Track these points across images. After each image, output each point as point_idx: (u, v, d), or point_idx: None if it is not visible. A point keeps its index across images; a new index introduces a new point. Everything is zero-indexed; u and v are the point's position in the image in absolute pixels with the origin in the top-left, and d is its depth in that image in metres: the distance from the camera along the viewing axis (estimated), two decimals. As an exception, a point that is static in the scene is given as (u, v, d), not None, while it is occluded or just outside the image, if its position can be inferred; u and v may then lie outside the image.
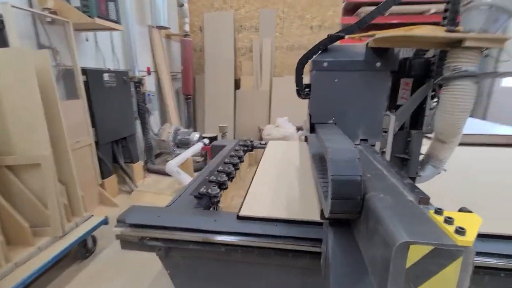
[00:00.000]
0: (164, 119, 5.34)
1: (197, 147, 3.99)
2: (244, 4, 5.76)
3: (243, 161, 2.01)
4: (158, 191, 3.58)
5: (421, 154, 1.44)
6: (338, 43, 1.35)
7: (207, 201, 1.41)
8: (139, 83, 4.17)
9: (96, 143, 3.06)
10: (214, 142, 2.82)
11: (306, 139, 1.81)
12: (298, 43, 5.81)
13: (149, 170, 4.26)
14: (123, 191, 3.52)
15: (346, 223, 0.92)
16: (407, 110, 1.41)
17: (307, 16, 5.66)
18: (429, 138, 1.44)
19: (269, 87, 5.96)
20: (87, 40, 3.36)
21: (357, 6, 6.26)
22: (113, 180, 3.40)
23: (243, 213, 1.28)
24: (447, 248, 0.53)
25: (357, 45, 1.35)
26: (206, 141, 4.34)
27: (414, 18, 6.52)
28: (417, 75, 1.40)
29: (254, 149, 2.52)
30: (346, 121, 1.30)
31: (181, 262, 1.34)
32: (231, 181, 1.68)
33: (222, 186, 1.59)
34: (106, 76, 3.20)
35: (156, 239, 1.27)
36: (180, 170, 2.94)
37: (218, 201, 1.46)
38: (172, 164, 3.12)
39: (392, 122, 1.38)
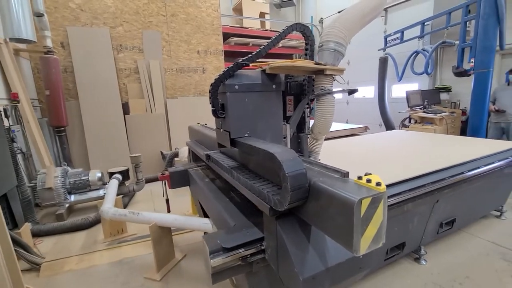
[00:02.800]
0: (30, 161, 3.92)
1: (115, 183, 3.34)
2: (121, 23, 5.26)
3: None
4: (82, 251, 2.72)
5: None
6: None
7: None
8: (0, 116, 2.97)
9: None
10: (172, 169, 2.62)
11: (208, 157, 1.91)
12: (188, 66, 5.98)
13: (39, 233, 3.06)
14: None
15: (287, 214, 1.15)
16: (295, 119, 1.83)
17: (192, 41, 5.95)
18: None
19: (164, 110, 5.72)
20: None
21: (228, 36, 7.27)
22: None
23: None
24: (377, 196, 0.84)
25: (251, 71, 1.58)
26: (119, 176, 3.69)
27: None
28: (295, 93, 1.84)
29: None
30: (257, 132, 1.52)
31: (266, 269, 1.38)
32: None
33: None
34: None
35: (258, 253, 1.27)
36: (135, 211, 2.43)
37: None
38: (111, 208, 2.54)
39: (288, 129, 1.78)
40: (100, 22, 5.10)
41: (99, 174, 3.90)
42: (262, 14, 8.17)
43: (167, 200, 2.78)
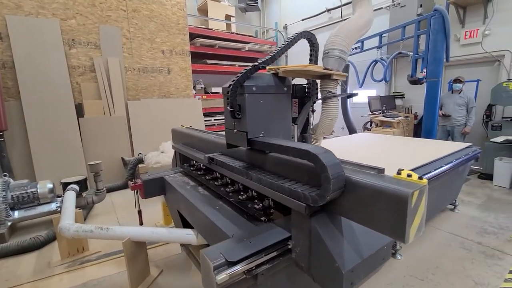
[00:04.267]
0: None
1: (71, 195, 2.95)
2: (74, 15, 4.72)
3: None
4: (35, 277, 2.31)
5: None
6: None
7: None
8: None
9: None
10: (146, 177, 2.39)
11: (211, 160, 1.86)
12: (151, 66, 5.61)
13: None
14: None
15: (318, 211, 1.18)
16: (302, 120, 1.91)
17: (157, 40, 5.60)
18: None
19: (126, 112, 5.27)
20: None
21: (193, 36, 7.06)
22: None
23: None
24: (423, 188, 0.93)
25: (264, 74, 1.62)
26: (76, 187, 3.27)
27: (235, 52, 8.28)
28: (300, 96, 1.92)
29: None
30: (270, 133, 1.55)
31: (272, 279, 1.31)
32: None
33: (254, 199, 1.62)
34: None
35: (263, 264, 1.20)
36: (103, 225, 2.13)
37: (272, 213, 1.52)
38: (73, 225, 2.21)
39: (295, 130, 1.88)
40: (48, 13, 4.51)
41: (50, 185, 3.39)
42: (227, 17, 8.09)
43: (139, 212, 2.52)
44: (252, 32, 9.69)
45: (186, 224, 2.32)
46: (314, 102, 1.94)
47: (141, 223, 2.54)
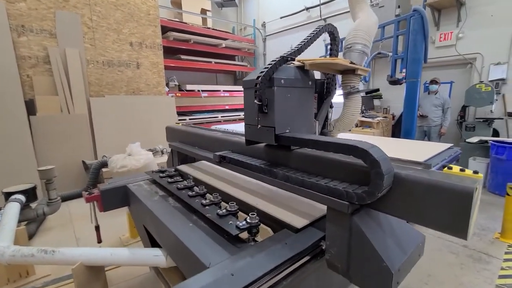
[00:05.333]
0: None
1: (14, 208, 2.46)
2: (24, -3, 4.11)
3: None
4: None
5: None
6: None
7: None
8: None
9: None
10: (105, 186, 2.01)
11: (222, 158, 1.73)
12: (118, 59, 5.08)
13: None
14: None
15: (358, 210, 1.12)
16: (323, 116, 1.89)
17: (124, 31, 5.09)
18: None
19: (87, 110, 4.71)
20: None
21: (166, 30, 6.59)
22: None
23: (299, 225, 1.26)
24: (479, 183, 0.93)
25: (288, 67, 1.56)
26: (22, 197, 2.77)
27: (212, 49, 7.92)
28: (319, 91, 1.89)
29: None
30: (295, 128, 1.47)
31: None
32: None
33: (236, 213, 1.36)
34: None
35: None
36: (48, 248, 1.71)
37: (258, 231, 1.26)
38: (9, 248, 1.77)
39: (316, 125, 1.82)
40: (-10, -8, 3.86)
41: (-11, 196, 2.84)
42: (203, 11, 7.70)
43: (96, 228, 2.12)
44: (229, 29, 9.36)
45: (154, 241, 1.98)
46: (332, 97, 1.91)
47: (99, 241, 2.14)
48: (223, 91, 8.35)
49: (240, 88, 9.31)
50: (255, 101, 1.37)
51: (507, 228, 2.68)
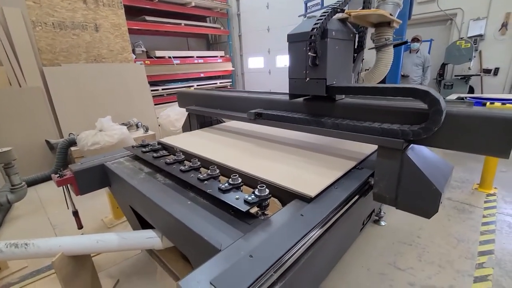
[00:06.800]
0: None
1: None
2: None
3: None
4: None
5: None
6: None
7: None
8: None
9: None
10: (78, 167, 1.75)
11: (258, 115, 1.84)
12: (71, 20, 4.36)
13: None
14: None
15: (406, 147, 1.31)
16: (357, 69, 1.96)
17: (74, -15, 4.31)
18: None
19: (42, 82, 4.10)
20: None
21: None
22: None
23: (312, 193, 1.16)
24: None
25: (332, 19, 1.58)
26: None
27: (179, 8, 7.16)
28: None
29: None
30: (338, 80, 1.55)
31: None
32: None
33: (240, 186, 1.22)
34: None
35: (274, 283, 0.83)
36: (19, 241, 1.47)
37: (268, 204, 1.13)
38: (-32, 246, 1.50)
39: (352, 77, 1.89)
40: None
41: None
42: (166, -37, 6.76)
43: (75, 213, 1.88)
44: (198, -15, 8.41)
45: (144, 221, 1.81)
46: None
47: (79, 227, 1.92)
48: (197, 57, 7.76)
49: (215, 54, 8.70)
50: (309, 53, 1.40)
51: (485, 178, 2.85)
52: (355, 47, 1.87)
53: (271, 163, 1.58)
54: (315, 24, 1.36)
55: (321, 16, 1.40)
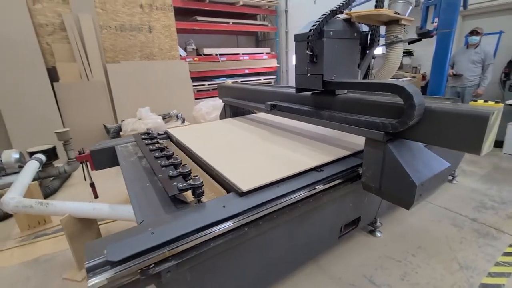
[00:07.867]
0: None
1: (32, 166, 2.76)
2: (33, -37, 4.16)
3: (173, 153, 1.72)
4: None
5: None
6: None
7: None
8: None
9: None
10: (94, 147, 2.13)
11: (273, 107, 2.09)
12: (130, 23, 5.08)
13: None
14: None
15: (391, 140, 1.39)
16: (366, 65, 2.04)
17: (133, -8, 5.00)
18: None
19: (105, 76, 4.91)
20: None
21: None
22: None
23: (245, 188, 1.21)
24: (499, 110, 1.15)
25: (336, 20, 1.71)
26: (42, 157, 3.08)
27: (229, 7, 7.50)
28: (362, 43, 1.96)
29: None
30: (340, 76, 1.68)
31: (190, 274, 1.07)
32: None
33: (189, 176, 1.35)
34: None
35: (166, 260, 0.94)
36: (44, 200, 1.95)
37: (203, 192, 1.24)
38: (14, 199, 2.02)
39: (359, 74, 1.99)
40: (2, -40, 3.97)
41: (16, 155, 3.20)
42: (219, -35, 7.16)
43: (91, 184, 2.31)
44: (248, -16, 8.66)
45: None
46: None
47: (95, 196, 2.34)
48: (243, 54, 8.05)
49: (261, 50, 8.88)
50: (307, 51, 1.56)
51: (530, 202, 2.34)
52: (367, 44, 1.95)
53: (244, 163, 1.68)
54: (313, 26, 1.52)
55: (319, 18, 1.55)
